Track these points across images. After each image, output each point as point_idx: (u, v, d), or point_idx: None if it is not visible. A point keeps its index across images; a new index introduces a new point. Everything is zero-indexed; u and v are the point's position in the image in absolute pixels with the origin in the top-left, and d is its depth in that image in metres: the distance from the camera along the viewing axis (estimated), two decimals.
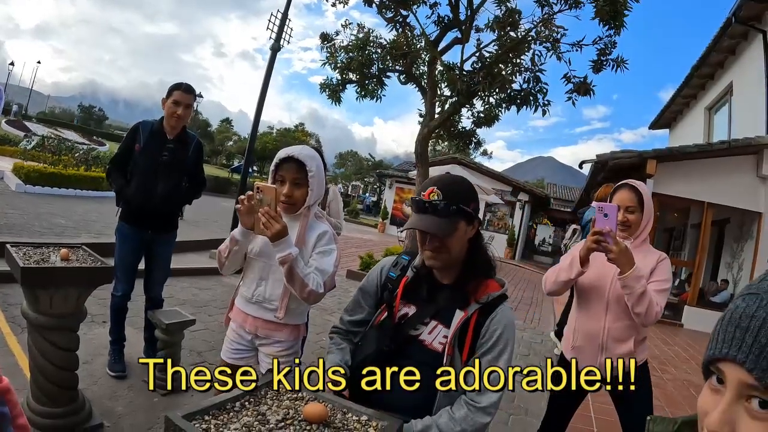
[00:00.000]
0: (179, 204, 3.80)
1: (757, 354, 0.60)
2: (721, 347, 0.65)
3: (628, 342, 2.35)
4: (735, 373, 0.63)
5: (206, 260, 8.18)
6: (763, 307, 0.62)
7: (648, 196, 2.41)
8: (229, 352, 2.25)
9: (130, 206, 3.57)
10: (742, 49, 10.95)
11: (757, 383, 0.60)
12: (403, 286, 1.72)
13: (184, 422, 1.12)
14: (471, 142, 9.79)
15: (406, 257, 1.83)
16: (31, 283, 2.50)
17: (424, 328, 1.66)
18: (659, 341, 7.78)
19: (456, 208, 1.56)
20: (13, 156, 17.28)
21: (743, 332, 0.63)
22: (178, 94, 3.52)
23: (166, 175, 3.56)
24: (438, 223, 1.55)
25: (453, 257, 1.63)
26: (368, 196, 53.64)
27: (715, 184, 9.53)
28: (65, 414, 2.70)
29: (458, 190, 1.61)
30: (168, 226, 3.78)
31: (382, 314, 1.74)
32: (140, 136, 3.57)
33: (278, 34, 9.48)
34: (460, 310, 1.60)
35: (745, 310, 0.64)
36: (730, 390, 0.63)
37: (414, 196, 1.67)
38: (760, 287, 0.65)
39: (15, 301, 4.36)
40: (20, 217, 8.00)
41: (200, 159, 3.90)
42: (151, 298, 3.83)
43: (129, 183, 3.56)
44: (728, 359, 0.63)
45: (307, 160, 2.04)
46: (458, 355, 1.59)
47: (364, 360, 1.67)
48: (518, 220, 23.55)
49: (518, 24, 7.70)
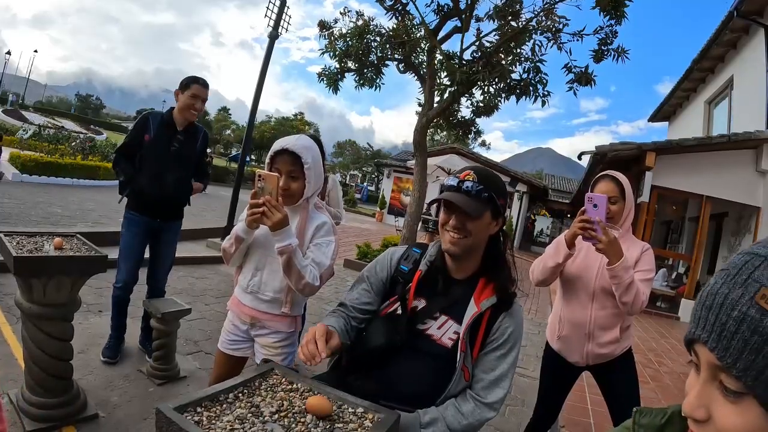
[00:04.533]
0: (188, 193, 3.85)
1: (718, 333, 0.58)
2: (693, 328, 0.63)
3: (614, 330, 2.43)
4: (704, 355, 0.61)
5: (203, 249, 8.16)
6: (727, 282, 0.60)
7: (629, 186, 2.45)
8: (226, 342, 2.23)
9: (142, 195, 3.59)
10: (743, 44, 10.88)
11: (719, 362, 0.58)
12: (417, 280, 1.68)
13: (175, 414, 1.09)
14: (470, 131, 9.74)
15: (417, 250, 1.80)
16: (24, 273, 2.47)
17: (432, 323, 1.63)
18: (656, 334, 7.80)
19: (488, 195, 1.54)
20: (10, 145, 17.20)
21: (707, 311, 0.61)
22: (196, 88, 3.57)
23: (176, 165, 3.63)
24: (468, 202, 1.53)
25: (471, 245, 1.59)
26: (365, 185, 53.41)
27: (714, 177, 9.51)
28: (60, 404, 2.68)
29: (493, 181, 1.59)
30: (176, 215, 3.87)
31: (391, 306, 1.71)
32: (150, 127, 3.58)
33: (276, 21, 9.40)
34: (473, 307, 1.57)
35: (712, 287, 0.62)
36: (703, 372, 0.62)
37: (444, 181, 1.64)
38: (731, 263, 0.63)
39: (10, 291, 4.34)
40: (16, 206, 7.97)
41: (205, 149, 4.01)
42: (154, 288, 3.85)
43: (139, 172, 3.59)
44: (697, 340, 0.62)
45: (303, 151, 1.99)
46: (469, 351, 1.57)
47: (373, 351, 1.64)
48: (516, 210, 23.52)
49: (519, 13, 7.64)
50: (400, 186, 25.71)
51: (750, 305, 0.56)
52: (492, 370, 1.57)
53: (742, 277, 0.59)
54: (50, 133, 16.76)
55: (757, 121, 9.42)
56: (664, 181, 9.69)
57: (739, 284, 0.58)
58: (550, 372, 2.70)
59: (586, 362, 2.52)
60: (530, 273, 2.59)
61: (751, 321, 0.56)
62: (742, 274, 0.59)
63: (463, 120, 9.62)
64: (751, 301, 0.56)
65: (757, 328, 0.55)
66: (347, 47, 8.70)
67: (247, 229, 1.99)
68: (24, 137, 18.10)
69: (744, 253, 0.62)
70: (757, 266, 0.59)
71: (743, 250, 0.63)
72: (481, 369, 1.58)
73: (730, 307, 0.58)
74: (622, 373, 2.51)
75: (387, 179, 26.91)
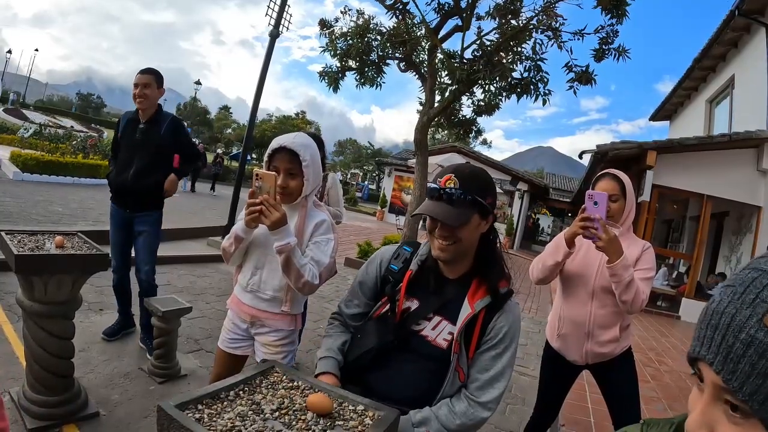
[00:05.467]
0: (155, 183, 3.80)
1: (724, 355, 0.56)
2: (697, 347, 0.62)
3: (614, 328, 2.43)
4: (709, 375, 0.60)
5: (204, 248, 8.16)
6: (734, 302, 0.58)
7: (630, 185, 2.46)
8: (226, 341, 2.23)
9: (110, 186, 3.85)
10: (744, 42, 10.87)
11: (725, 385, 0.56)
12: (407, 280, 1.66)
13: (176, 412, 1.10)
14: (471, 130, 9.74)
15: (408, 248, 1.77)
16: (26, 271, 2.48)
17: (426, 324, 1.62)
18: (657, 333, 7.80)
19: (471, 198, 1.49)
20: (10, 144, 17.20)
21: (713, 330, 0.59)
22: (136, 77, 3.68)
23: (139, 155, 3.73)
24: (450, 212, 1.48)
25: (463, 250, 1.57)
26: (366, 184, 53.30)
27: (715, 176, 9.52)
28: (61, 402, 2.69)
29: (476, 181, 1.53)
30: (146, 205, 3.83)
31: (383, 307, 1.70)
32: (121, 125, 3.84)
33: (277, 20, 9.38)
34: (467, 308, 1.55)
35: (717, 305, 0.60)
36: (707, 391, 0.60)
37: (430, 182, 1.59)
38: (738, 278, 0.61)
39: (11, 289, 4.34)
40: (17, 205, 7.97)
41: (179, 134, 3.92)
42: (139, 281, 3.85)
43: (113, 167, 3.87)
44: (702, 359, 0.60)
45: (300, 149, 1.99)
46: (464, 352, 1.56)
47: (366, 354, 1.63)
48: (517, 209, 23.51)
49: (519, 12, 7.64)
50: (401, 185, 25.72)
51: (758, 328, 0.55)
52: (487, 370, 1.55)
53: (749, 297, 0.57)
54: (54, 132, 16.70)
55: (759, 120, 9.41)
56: (665, 180, 9.69)
57: (746, 304, 0.57)
58: (549, 370, 2.70)
59: (585, 361, 2.52)
60: (530, 271, 2.60)
61: (759, 345, 0.54)
62: (749, 293, 0.57)
63: (464, 119, 9.62)
64: (760, 324, 0.55)
65: (765, 352, 0.54)
66: (348, 46, 8.70)
67: (246, 229, 1.99)
68: (25, 136, 18.09)
69: (751, 269, 0.60)
70: (765, 285, 0.57)
71: (750, 265, 0.61)
72: (476, 369, 1.56)
73: (737, 329, 0.56)
74: (621, 372, 2.51)
75: (388, 178, 26.92)
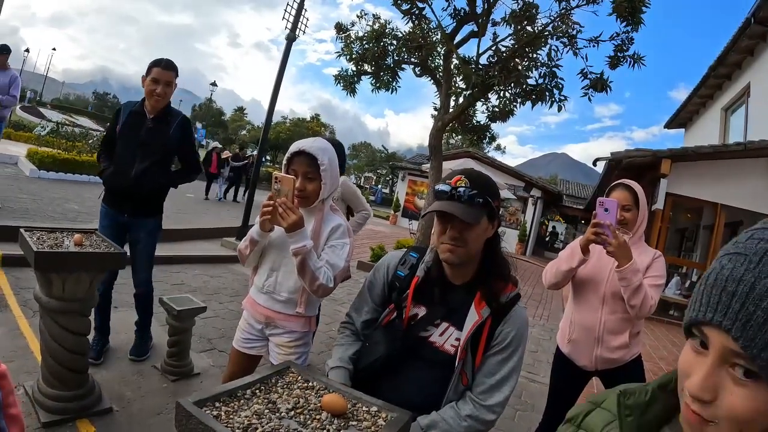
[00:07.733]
0: (160, 186, 3.52)
1: (744, 321, 0.57)
2: (705, 311, 0.62)
3: (624, 334, 2.47)
4: (719, 339, 0.60)
5: (217, 248, 8.22)
6: (752, 270, 0.59)
7: (643, 195, 2.49)
8: (241, 341, 2.25)
9: (106, 188, 3.45)
10: (760, 50, 10.77)
11: (742, 351, 0.57)
12: (414, 287, 1.66)
13: (195, 409, 1.12)
14: (485, 136, 9.75)
15: (414, 254, 1.77)
16: (45, 268, 2.51)
17: (434, 330, 1.62)
18: (668, 342, 7.74)
19: (482, 199, 1.50)
20: (27, 142, 17.39)
21: (729, 297, 0.59)
22: (156, 71, 3.30)
23: (143, 154, 3.35)
24: (464, 210, 1.48)
25: (469, 253, 1.56)
26: (379, 188, 53.28)
27: (729, 185, 9.42)
28: (75, 397, 2.73)
29: (486, 183, 1.55)
30: (146, 210, 3.51)
31: (391, 314, 1.70)
32: (121, 117, 3.41)
33: (294, 24, 9.45)
34: (474, 314, 1.55)
35: (732, 272, 0.60)
36: (714, 355, 0.61)
37: (436, 186, 1.58)
38: (748, 247, 0.61)
39: (27, 285, 4.41)
40: (34, 202, 8.06)
41: (187, 137, 3.58)
42: (135, 286, 3.64)
43: (110, 164, 3.41)
44: (713, 324, 0.60)
45: (319, 153, 2.01)
46: (471, 358, 1.56)
47: (375, 362, 1.64)
48: (530, 215, 23.39)
49: (535, 18, 7.65)
50: (415, 189, 25.68)
51: None
52: (493, 375, 1.55)
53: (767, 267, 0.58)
54: (71, 131, 16.81)
55: None
56: (679, 188, 9.61)
57: (765, 274, 0.57)
58: (559, 376, 2.71)
59: (595, 366, 2.53)
60: (543, 276, 2.62)
61: None
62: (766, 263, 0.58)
63: (478, 125, 9.62)
64: None
65: None
66: (364, 50, 8.74)
67: (261, 232, 2.02)
68: (41, 134, 18.28)
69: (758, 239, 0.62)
70: None
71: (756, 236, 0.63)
72: (483, 373, 1.57)
73: (758, 297, 0.56)
74: (630, 379, 2.49)
75: (401, 182, 26.89)
